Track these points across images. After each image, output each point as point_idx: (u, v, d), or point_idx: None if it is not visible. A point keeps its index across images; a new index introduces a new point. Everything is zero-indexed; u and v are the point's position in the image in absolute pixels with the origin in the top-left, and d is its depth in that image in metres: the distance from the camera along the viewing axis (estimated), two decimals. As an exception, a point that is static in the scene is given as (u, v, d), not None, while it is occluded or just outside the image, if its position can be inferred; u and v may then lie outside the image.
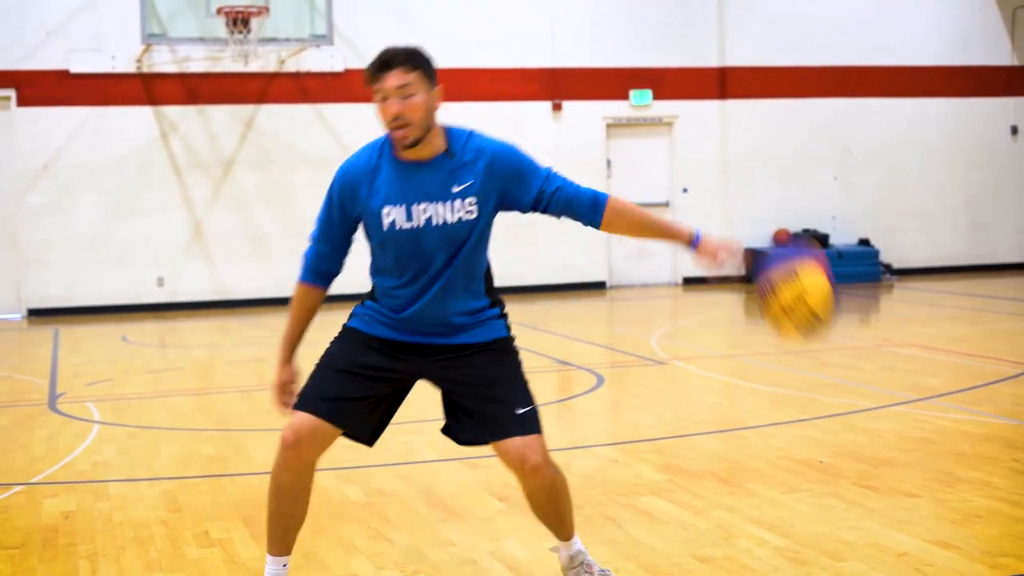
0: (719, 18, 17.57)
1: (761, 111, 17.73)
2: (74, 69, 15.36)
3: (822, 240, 17.41)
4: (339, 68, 16.08)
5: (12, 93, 15.25)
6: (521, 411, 4.07)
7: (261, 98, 15.95)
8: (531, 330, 12.41)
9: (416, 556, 5.00)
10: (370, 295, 4.20)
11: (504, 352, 4.17)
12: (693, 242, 4.02)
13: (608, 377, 9.62)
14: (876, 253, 17.71)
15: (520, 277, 16.57)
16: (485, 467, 6.49)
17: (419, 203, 3.95)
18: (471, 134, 4.04)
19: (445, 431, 4.22)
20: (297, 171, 16.00)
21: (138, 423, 8.14)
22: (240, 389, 9.56)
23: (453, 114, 17.24)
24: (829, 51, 17.94)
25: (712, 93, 17.62)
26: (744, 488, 5.89)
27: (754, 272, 4.03)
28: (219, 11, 14.60)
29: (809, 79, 17.91)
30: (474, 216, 3.99)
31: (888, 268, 17.78)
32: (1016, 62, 18.75)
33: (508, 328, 4.22)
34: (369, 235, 4.07)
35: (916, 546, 4.90)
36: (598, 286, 17.04)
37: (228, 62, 15.36)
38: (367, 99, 16.75)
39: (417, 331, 4.08)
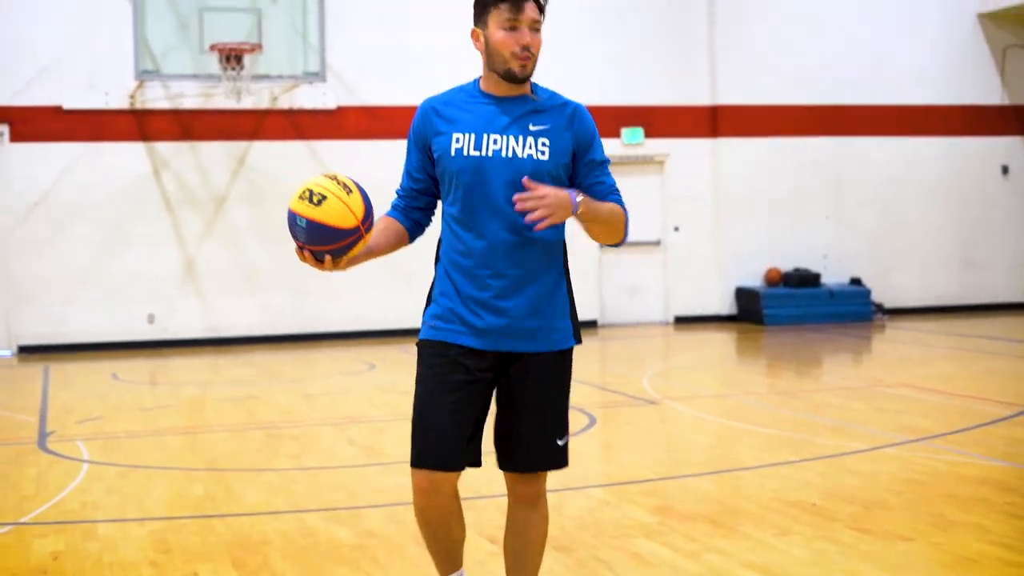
0: (711, 57, 17.64)
1: (753, 149, 17.77)
2: (67, 105, 15.38)
3: (813, 279, 17.41)
4: (332, 105, 16.11)
5: (5, 129, 15.26)
6: (561, 442, 4.05)
7: (254, 135, 15.97)
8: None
9: (407, 599, 4.97)
10: (439, 281, 4.06)
11: (567, 367, 4.11)
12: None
13: (600, 417, 9.59)
14: (867, 292, 17.71)
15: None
16: (476, 509, 6.46)
17: (490, 133, 3.95)
18: (553, 91, 4.08)
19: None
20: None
21: (128, 462, 8.10)
22: (231, 428, 9.52)
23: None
24: (821, 90, 18.00)
25: (704, 131, 17.67)
26: (737, 531, 5.87)
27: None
28: (212, 48, 14.66)
29: (801, 118, 17.97)
30: (545, 157, 3.94)
31: (880, 307, 17.79)
32: (1007, 101, 18.85)
33: (577, 335, 4.14)
34: (442, 171, 4.00)
35: (910, 591, 4.88)
36: (590, 325, 16.99)
37: (221, 98, 15.40)
38: (360, 136, 16.55)
39: (490, 325, 3.94)
